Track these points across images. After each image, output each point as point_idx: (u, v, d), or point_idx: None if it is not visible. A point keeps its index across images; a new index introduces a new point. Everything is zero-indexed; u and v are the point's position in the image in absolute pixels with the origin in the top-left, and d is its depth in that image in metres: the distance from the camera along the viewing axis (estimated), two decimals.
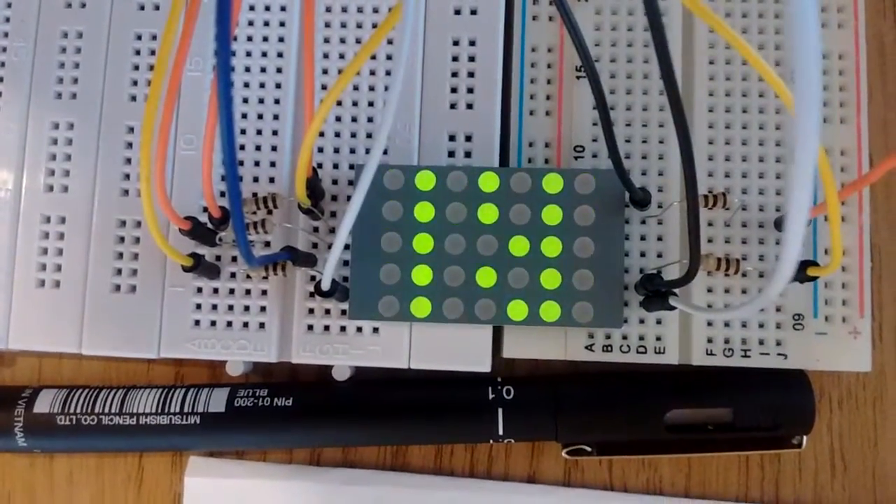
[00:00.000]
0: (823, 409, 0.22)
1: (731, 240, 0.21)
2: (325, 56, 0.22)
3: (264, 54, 0.22)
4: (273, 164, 0.22)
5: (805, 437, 0.21)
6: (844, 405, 0.23)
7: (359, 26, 0.22)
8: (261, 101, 0.22)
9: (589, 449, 0.21)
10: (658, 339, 0.21)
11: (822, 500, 0.22)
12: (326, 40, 0.22)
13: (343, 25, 0.22)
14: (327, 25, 0.22)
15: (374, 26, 0.22)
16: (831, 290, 0.21)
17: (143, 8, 0.23)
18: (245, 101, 0.22)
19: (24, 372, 0.24)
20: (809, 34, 0.10)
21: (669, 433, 0.21)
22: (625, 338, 0.21)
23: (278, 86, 0.22)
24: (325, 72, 0.22)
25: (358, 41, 0.22)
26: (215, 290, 0.22)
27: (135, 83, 0.22)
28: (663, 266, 0.21)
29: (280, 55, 0.22)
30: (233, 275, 0.22)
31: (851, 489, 0.22)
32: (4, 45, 0.23)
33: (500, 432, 0.21)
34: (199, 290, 0.22)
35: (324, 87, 0.22)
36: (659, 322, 0.21)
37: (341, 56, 0.22)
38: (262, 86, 0.22)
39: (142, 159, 0.16)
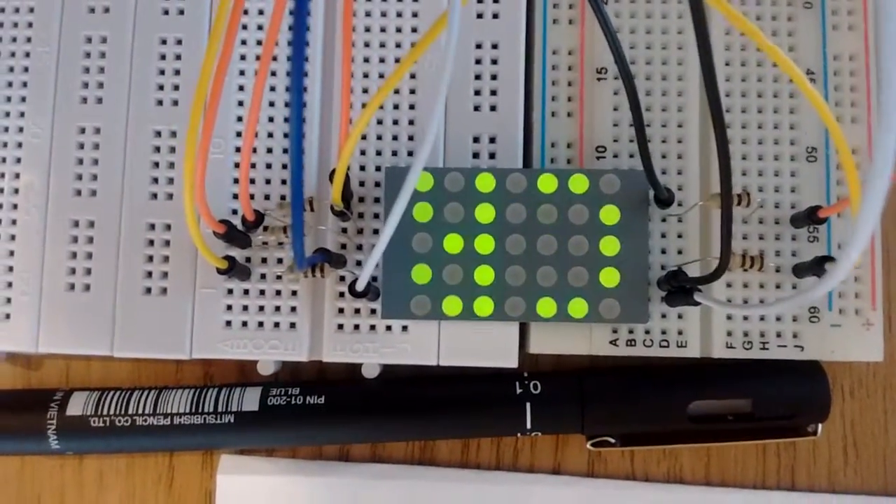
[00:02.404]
0: (836, 397, 0.23)
1: (749, 236, 0.22)
2: (352, 60, 0.22)
3: (290, 57, 0.22)
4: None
5: (820, 426, 0.22)
6: (856, 393, 0.23)
7: (382, 30, 0.23)
8: (287, 104, 0.22)
9: (613, 440, 0.22)
10: (680, 333, 0.22)
11: (835, 486, 0.23)
12: (352, 44, 0.22)
13: (367, 29, 0.22)
14: (353, 30, 0.22)
15: (398, 30, 0.22)
16: (845, 283, 0.22)
17: (167, 12, 0.23)
18: (272, 104, 0.22)
19: (51, 374, 0.24)
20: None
21: (692, 424, 0.22)
22: (648, 332, 0.22)
23: (304, 88, 0.22)
24: (351, 75, 0.22)
25: (382, 45, 0.22)
26: (246, 292, 0.22)
27: (161, 87, 0.23)
28: (687, 263, 0.21)
29: (306, 58, 0.22)
30: (263, 276, 0.22)
31: (863, 474, 0.23)
32: (28, 51, 0.23)
33: (528, 426, 0.21)
34: (230, 291, 0.22)
35: (351, 91, 0.22)
36: (680, 317, 0.22)
37: (366, 60, 0.22)
38: (288, 89, 0.22)
39: (185, 169, 0.17)
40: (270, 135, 0.22)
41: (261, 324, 0.22)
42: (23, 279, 0.22)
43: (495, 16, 0.23)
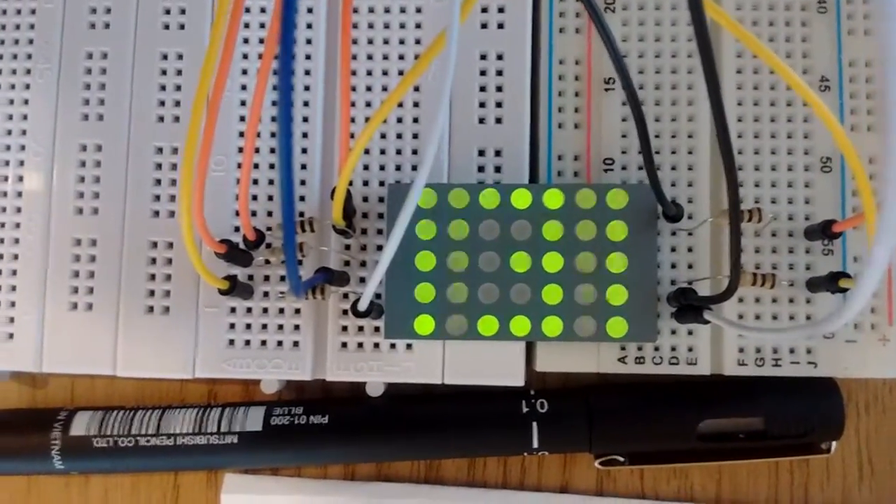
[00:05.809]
0: (851, 413, 0.23)
1: (762, 249, 0.21)
2: (354, 73, 0.22)
3: (292, 72, 0.22)
4: (303, 183, 0.22)
5: (834, 443, 0.22)
6: (871, 409, 0.23)
7: (385, 42, 0.22)
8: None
9: (622, 459, 0.22)
10: (690, 349, 0.21)
11: (849, 503, 0.23)
12: (354, 57, 0.22)
13: (370, 42, 0.22)
14: (354, 42, 0.22)
15: (401, 42, 0.22)
16: None
17: (167, 27, 0.23)
18: (273, 119, 0.22)
19: (57, 392, 0.24)
20: None
21: (702, 443, 0.21)
22: (657, 349, 0.21)
23: (306, 104, 0.22)
24: (353, 88, 0.22)
25: (385, 57, 0.22)
26: (249, 310, 0.22)
27: (162, 103, 0.22)
28: (696, 280, 0.21)
29: (308, 73, 0.22)
30: (266, 294, 0.22)
31: (878, 491, 0.23)
32: (29, 67, 0.23)
33: (535, 445, 0.21)
34: (233, 309, 0.22)
35: (353, 105, 0.22)
36: (690, 333, 0.21)
37: (369, 73, 0.22)
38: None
39: (182, 190, 0.16)
40: (273, 150, 0.22)
41: (264, 342, 0.22)
42: (25, 298, 0.22)
43: (500, 26, 0.22)
